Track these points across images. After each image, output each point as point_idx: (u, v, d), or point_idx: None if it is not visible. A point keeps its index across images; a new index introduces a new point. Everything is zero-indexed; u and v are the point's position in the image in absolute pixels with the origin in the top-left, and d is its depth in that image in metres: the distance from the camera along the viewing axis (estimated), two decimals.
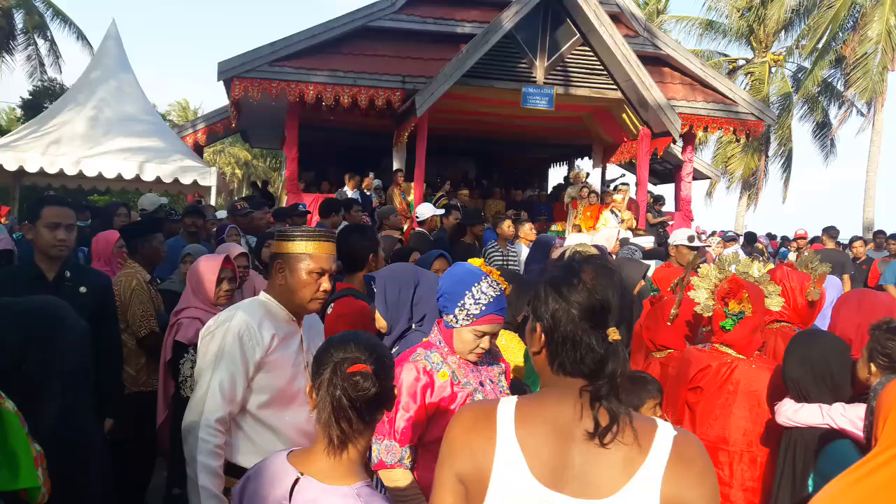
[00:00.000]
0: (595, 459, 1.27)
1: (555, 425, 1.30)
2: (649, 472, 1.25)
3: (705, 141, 24.91)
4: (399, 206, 10.14)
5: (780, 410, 2.72)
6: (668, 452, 1.26)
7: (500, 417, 1.35)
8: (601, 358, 1.27)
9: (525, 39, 11.26)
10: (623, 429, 1.27)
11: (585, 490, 1.26)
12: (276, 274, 2.38)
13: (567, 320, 1.29)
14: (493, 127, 14.13)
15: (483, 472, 1.32)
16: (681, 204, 13.67)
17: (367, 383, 1.51)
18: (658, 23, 24.60)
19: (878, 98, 20.78)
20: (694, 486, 1.25)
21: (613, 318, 1.28)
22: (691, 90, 12.80)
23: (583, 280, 1.30)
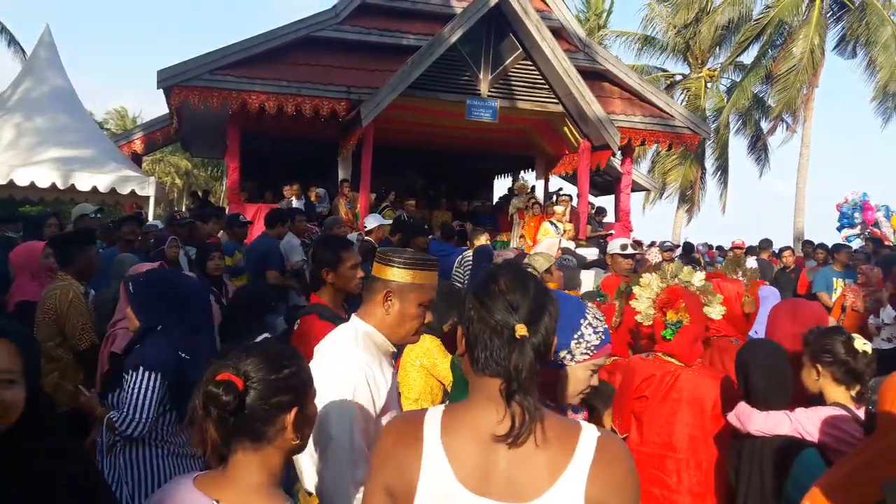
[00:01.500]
0: (520, 463, 1.29)
1: (480, 430, 1.32)
2: (574, 474, 1.27)
3: (644, 154, 25.59)
4: (345, 217, 10.11)
5: (750, 419, 2.73)
6: (592, 455, 1.29)
7: (426, 426, 1.36)
8: (508, 354, 1.29)
9: (469, 53, 11.39)
10: (544, 430, 1.30)
11: (511, 494, 1.28)
12: (381, 302, 2.16)
13: (478, 319, 1.33)
14: (438, 138, 14.22)
15: (410, 482, 1.33)
16: (620, 215, 14.01)
17: (228, 397, 1.42)
18: (599, 38, 25.23)
19: (804, 113, 21.75)
20: (617, 489, 1.28)
21: (523, 317, 1.31)
22: (630, 104, 13.16)
23: (498, 284, 1.35)
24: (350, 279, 3.14)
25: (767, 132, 23.85)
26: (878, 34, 20.09)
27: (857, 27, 20.58)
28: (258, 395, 1.46)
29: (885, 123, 21.57)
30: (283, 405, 1.48)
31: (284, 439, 1.50)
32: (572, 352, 1.87)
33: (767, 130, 23.81)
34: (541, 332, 1.32)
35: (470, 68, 11.45)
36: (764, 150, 24.62)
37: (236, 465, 1.49)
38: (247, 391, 1.45)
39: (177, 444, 2.76)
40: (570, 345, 1.87)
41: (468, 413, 1.36)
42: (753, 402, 2.78)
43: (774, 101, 21.81)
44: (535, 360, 1.31)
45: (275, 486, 1.51)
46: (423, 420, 1.39)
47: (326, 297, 3.14)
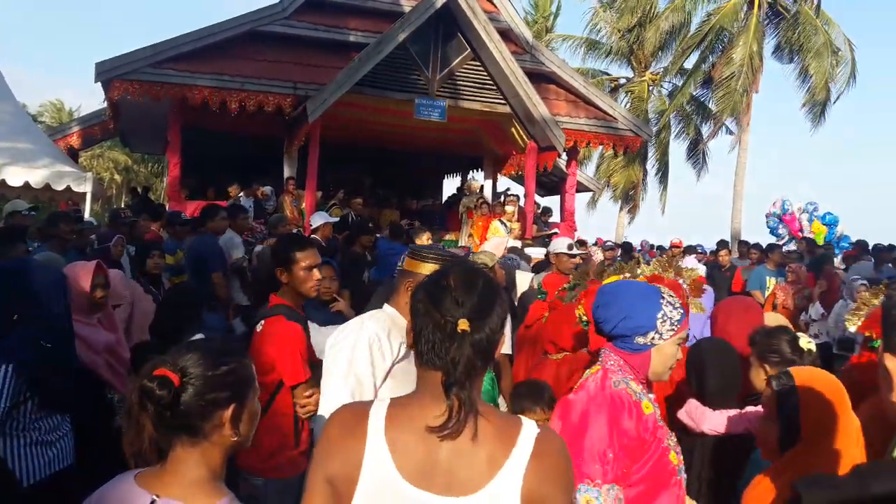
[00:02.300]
0: (461, 457, 1.32)
1: (422, 423, 1.34)
2: (512, 468, 1.31)
3: (589, 155, 26.03)
4: (290, 215, 10.00)
5: (703, 418, 2.77)
6: (530, 450, 1.33)
7: (371, 418, 1.39)
8: (448, 347, 1.32)
9: (418, 52, 11.40)
10: (485, 425, 1.33)
11: (451, 487, 1.31)
12: (404, 291, 2.42)
13: (424, 312, 1.37)
14: (387, 136, 14.19)
15: (352, 472, 1.35)
16: (565, 215, 14.24)
17: (163, 392, 1.44)
18: (546, 41, 25.53)
19: (743, 117, 22.47)
20: (553, 483, 1.32)
21: (467, 312, 1.34)
22: (575, 107, 13.38)
23: (447, 279, 1.39)
24: (304, 280, 3.04)
25: (709, 136, 24.57)
26: (810, 42, 20.90)
27: (792, 35, 21.38)
28: (194, 391, 1.46)
29: (815, 128, 22.49)
30: (220, 401, 1.49)
31: (222, 435, 1.50)
32: (659, 330, 2.02)
33: (709, 134, 24.52)
34: (485, 329, 1.35)
35: (418, 67, 11.45)
36: (703, 154, 25.35)
37: (175, 460, 1.49)
38: (183, 387, 1.45)
39: (39, 431, 2.78)
40: (656, 325, 2.02)
41: (412, 406, 1.39)
42: (708, 401, 2.82)
43: (716, 105, 22.46)
44: (477, 356, 1.33)
45: (216, 480, 1.52)
46: (368, 412, 1.40)
47: (287, 298, 3.08)
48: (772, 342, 2.75)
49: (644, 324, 2.02)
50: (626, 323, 2.03)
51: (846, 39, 21.57)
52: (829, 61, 20.95)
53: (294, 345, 2.92)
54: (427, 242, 7.16)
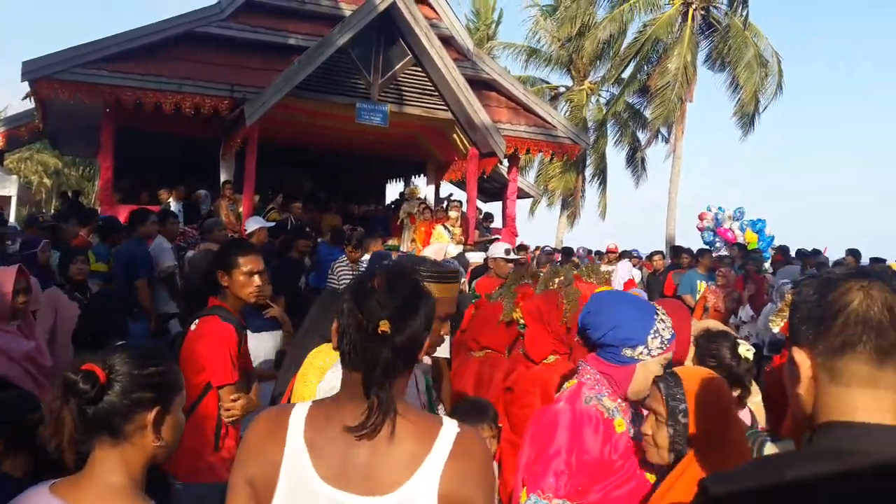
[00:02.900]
0: (380, 457, 1.33)
1: (342, 424, 1.34)
2: (429, 468, 1.32)
3: (530, 162, 26.36)
4: (226, 219, 9.80)
5: None
6: (449, 450, 1.33)
7: (291, 421, 1.38)
8: (367, 348, 1.34)
9: (359, 56, 11.35)
10: (405, 425, 1.34)
11: (370, 487, 1.32)
12: None
13: (348, 313, 1.37)
14: (329, 141, 14.07)
15: (271, 475, 1.35)
16: (507, 221, 14.38)
17: (86, 386, 1.42)
18: (487, 48, 25.76)
19: (677, 126, 23.13)
20: (471, 482, 1.33)
21: (388, 314, 1.35)
22: (516, 114, 13.54)
23: (373, 281, 1.40)
24: (243, 285, 3.00)
25: (644, 144, 25.20)
26: (740, 54, 21.68)
27: (723, 47, 22.15)
28: (120, 389, 1.46)
29: (745, 136, 23.35)
30: (144, 402, 1.48)
31: (144, 439, 1.49)
32: (648, 346, 1.97)
33: (644, 142, 25.15)
34: (406, 331, 1.36)
35: (360, 72, 11.40)
36: (641, 161, 25.97)
37: (94, 463, 1.47)
38: (109, 384, 1.45)
39: None
40: (646, 340, 1.97)
41: (333, 407, 1.39)
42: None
43: (651, 114, 23.07)
44: (398, 357, 1.34)
45: (135, 488, 1.49)
46: (289, 414, 1.40)
47: (226, 301, 3.04)
48: (712, 346, 2.79)
49: (634, 336, 1.98)
50: (616, 333, 1.98)
51: (774, 52, 22.45)
52: (759, 73, 21.76)
53: (225, 345, 2.89)
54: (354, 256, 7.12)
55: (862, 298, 1.07)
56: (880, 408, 1.07)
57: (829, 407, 1.10)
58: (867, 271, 1.12)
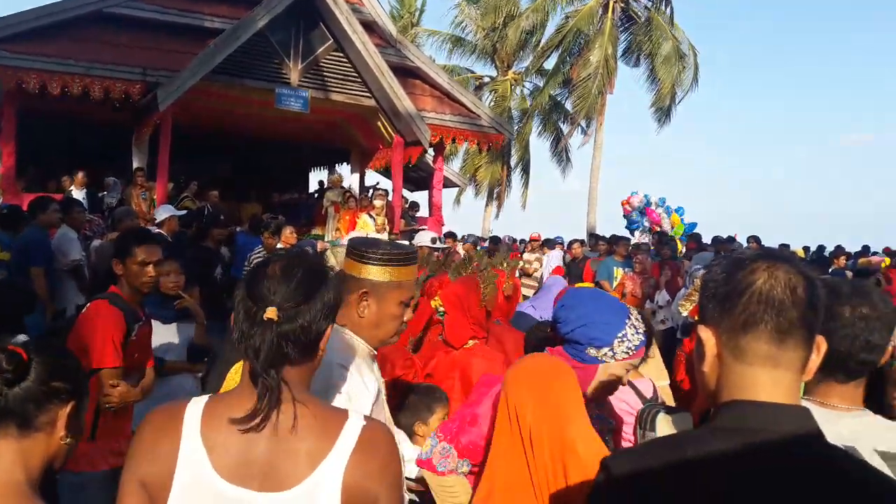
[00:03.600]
0: (281, 451, 1.29)
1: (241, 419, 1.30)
2: (332, 462, 1.28)
3: (456, 151, 26.44)
4: (137, 208, 9.42)
5: None
6: (353, 443, 1.30)
7: (187, 417, 1.33)
8: (256, 335, 1.30)
9: (279, 41, 11.09)
10: (308, 418, 1.31)
11: (270, 483, 1.28)
12: (356, 304, 1.94)
13: (241, 299, 1.35)
14: (249, 127, 13.72)
15: (165, 474, 1.29)
16: (433, 210, 14.38)
17: (9, 366, 1.37)
18: (412, 35, 25.62)
19: (598, 117, 23.63)
20: (376, 476, 1.30)
21: (278, 301, 1.31)
22: (440, 103, 13.52)
23: (267, 268, 1.38)
24: (136, 275, 3.00)
25: (567, 135, 25.63)
26: (660, 48, 22.31)
27: (642, 40, 22.72)
28: (39, 375, 1.41)
29: (661, 128, 24.13)
30: (61, 393, 1.44)
31: (53, 434, 1.44)
32: (614, 349, 1.91)
33: (567, 133, 25.58)
34: (298, 320, 1.32)
35: (279, 56, 11.14)
36: (564, 152, 26.43)
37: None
38: (28, 368, 1.40)
39: None
40: (612, 343, 1.91)
41: (231, 400, 1.33)
42: None
43: (573, 106, 23.48)
44: (289, 346, 1.31)
45: (30, 487, 1.40)
46: (184, 409, 1.34)
47: (123, 291, 3.04)
48: None
49: (601, 337, 1.93)
50: (584, 330, 1.94)
51: (691, 45, 23.20)
52: (677, 66, 22.45)
53: (108, 328, 2.86)
54: (290, 237, 6.96)
55: (766, 278, 1.09)
56: (779, 386, 1.09)
57: (732, 385, 1.12)
58: (774, 253, 1.14)
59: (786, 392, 1.09)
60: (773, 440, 1.05)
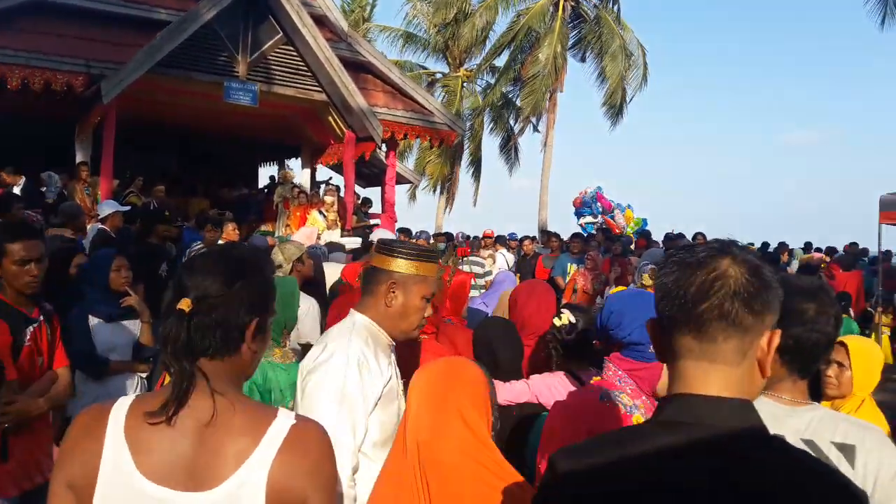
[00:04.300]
0: (206, 450, 1.28)
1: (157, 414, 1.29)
2: (257, 461, 1.27)
3: (409, 147, 26.39)
4: (81, 203, 9.14)
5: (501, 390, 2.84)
6: (280, 442, 1.29)
7: (111, 417, 1.31)
8: (171, 326, 1.30)
9: (227, 34, 10.88)
10: (232, 415, 1.30)
11: (194, 483, 1.26)
12: (383, 294, 2.09)
13: (170, 290, 1.37)
14: (197, 121, 13.40)
15: (90, 475, 1.27)
16: (386, 206, 14.31)
17: None
18: (363, 30, 25.45)
19: (548, 115, 23.88)
20: (305, 475, 1.29)
21: (194, 293, 1.31)
22: (392, 98, 13.45)
23: (196, 261, 1.39)
24: (14, 276, 2.71)
25: (517, 132, 25.83)
26: (608, 45, 22.64)
27: (591, 38, 23.03)
28: None
29: (612, 126, 24.49)
30: None
31: None
32: None
33: (517, 131, 25.77)
34: (214, 312, 1.31)
35: (227, 49, 10.93)
36: (514, 149, 26.62)
37: None
38: None
39: None
40: None
41: (155, 398, 1.32)
42: (502, 375, 2.93)
43: (522, 103, 23.65)
44: (203, 337, 1.30)
45: None
46: (110, 409, 1.33)
47: (6, 293, 2.76)
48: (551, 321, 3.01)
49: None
50: (643, 330, 1.90)
51: (639, 44, 23.62)
52: (624, 64, 22.81)
53: None
54: (232, 233, 6.86)
55: (672, 276, 1.12)
56: (706, 380, 1.10)
57: (674, 378, 1.14)
58: (713, 248, 1.14)
59: (723, 385, 1.09)
60: (699, 434, 1.06)
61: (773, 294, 1.10)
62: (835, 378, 2.20)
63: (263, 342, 1.43)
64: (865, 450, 1.57)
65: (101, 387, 3.73)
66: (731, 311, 1.07)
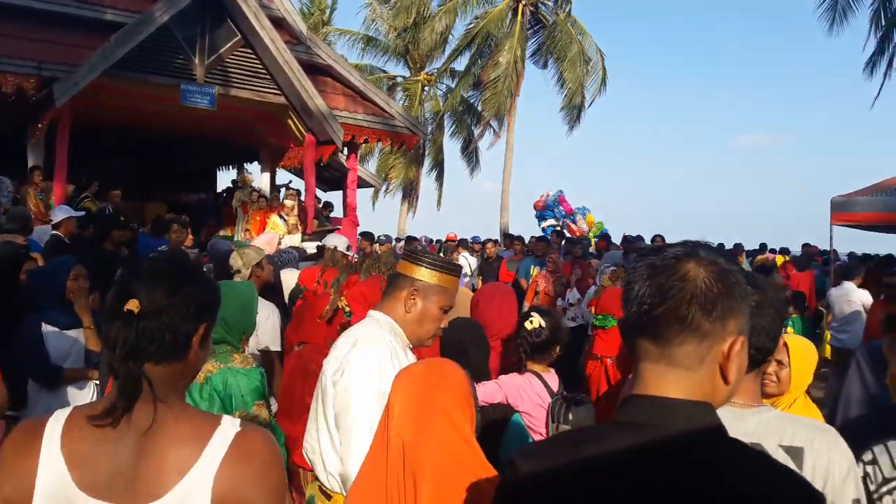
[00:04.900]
0: (147, 461, 1.25)
1: (106, 429, 1.25)
2: (201, 470, 1.24)
3: (371, 151, 26.32)
4: (35, 209, 8.91)
5: None
6: (224, 450, 1.26)
7: (47, 430, 1.27)
8: (115, 328, 1.27)
9: (184, 36, 10.71)
10: (175, 424, 1.27)
11: (135, 495, 1.23)
12: (405, 299, 2.20)
13: (109, 295, 1.35)
14: (154, 125, 13.17)
15: (26, 492, 1.24)
16: (347, 210, 14.23)
17: None
18: (323, 34, 25.31)
19: (508, 119, 24.04)
20: (252, 483, 1.26)
21: (143, 295, 1.29)
22: (353, 102, 13.39)
23: (143, 265, 1.38)
24: None
25: (477, 136, 25.96)
26: (567, 51, 22.90)
27: (550, 43, 23.27)
28: None
29: (571, 131, 24.76)
30: None
31: None
32: None
33: (477, 135, 25.90)
34: (161, 317, 1.28)
35: (184, 52, 10.77)
36: (475, 153, 26.74)
37: None
38: None
39: None
40: None
41: (95, 407, 1.28)
42: (472, 376, 2.99)
43: (483, 107, 23.79)
44: (148, 341, 1.27)
45: None
46: (45, 422, 1.29)
47: None
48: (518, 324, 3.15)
49: None
50: None
51: (598, 49, 23.94)
52: (582, 69, 23.10)
53: None
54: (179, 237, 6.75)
55: (636, 278, 1.12)
56: (664, 382, 1.10)
57: (635, 381, 1.14)
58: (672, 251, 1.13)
59: (680, 389, 1.08)
60: (662, 435, 1.06)
61: (738, 300, 1.08)
62: (774, 375, 2.26)
63: (207, 350, 1.40)
64: (815, 451, 1.56)
65: (54, 396, 3.64)
66: (687, 316, 1.05)
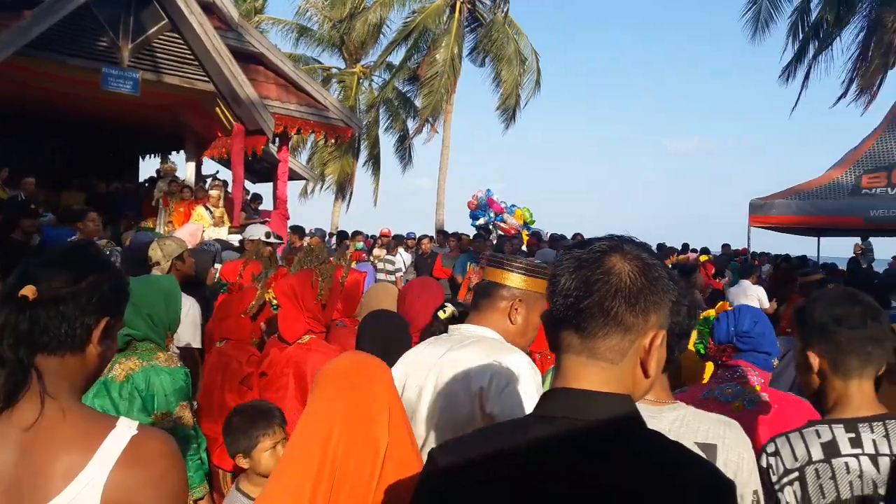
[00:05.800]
0: (31, 466, 1.15)
1: None
2: (90, 475, 1.17)
3: (303, 143, 25.86)
4: None
5: None
6: (118, 454, 1.19)
7: None
8: (6, 314, 1.21)
9: (107, 17, 10.22)
10: (63, 426, 1.19)
11: (16, 501, 1.14)
12: (506, 311, 2.02)
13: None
14: (73, 110, 12.55)
15: None
16: (278, 203, 13.91)
17: None
18: (255, 22, 24.70)
19: (445, 116, 24.04)
20: (148, 491, 1.19)
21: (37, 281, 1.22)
22: (285, 91, 13.07)
23: (48, 254, 1.34)
24: None
25: (414, 132, 25.86)
26: (503, 50, 23.05)
27: (487, 42, 23.37)
28: None
29: (506, 129, 24.95)
30: None
31: None
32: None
33: (413, 130, 25.81)
34: (58, 305, 1.22)
35: (107, 34, 10.27)
36: (409, 149, 26.64)
37: None
38: None
39: None
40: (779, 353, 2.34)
41: None
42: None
43: (421, 103, 23.72)
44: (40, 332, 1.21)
45: None
46: None
47: None
48: None
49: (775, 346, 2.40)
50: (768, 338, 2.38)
51: (533, 50, 24.17)
52: (518, 68, 23.30)
53: None
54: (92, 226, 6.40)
55: (562, 271, 1.12)
56: (585, 374, 1.10)
57: (556, 373, 1.15)
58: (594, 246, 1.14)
59: (601, 381, 1.08)
60: (579, 426, 1.07)
61: (660, 294, 1.10)
62: None
63: (110, 348, 1.33)
64: (726, 447, 1.62)
65: None
66: (612, 309, 1.07)
